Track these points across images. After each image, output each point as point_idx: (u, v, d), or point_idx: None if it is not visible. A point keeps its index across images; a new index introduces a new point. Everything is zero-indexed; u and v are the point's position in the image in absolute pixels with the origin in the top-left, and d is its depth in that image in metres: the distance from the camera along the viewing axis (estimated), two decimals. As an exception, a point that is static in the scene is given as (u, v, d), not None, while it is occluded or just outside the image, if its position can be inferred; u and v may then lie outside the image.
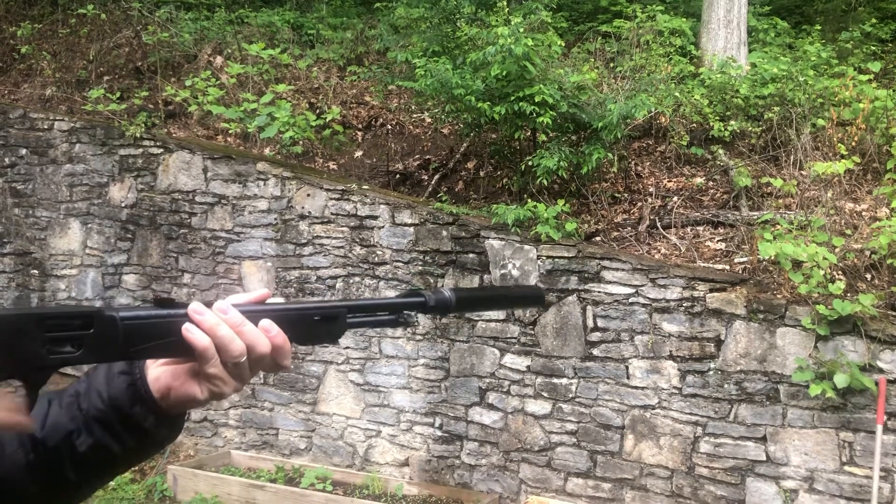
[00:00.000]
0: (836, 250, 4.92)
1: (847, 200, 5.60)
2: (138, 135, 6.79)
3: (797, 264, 4.77)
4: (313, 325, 0.97)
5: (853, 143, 5.85)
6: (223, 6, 9.19)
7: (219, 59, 8.12)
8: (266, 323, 0.91)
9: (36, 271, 7.23)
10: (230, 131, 7.09)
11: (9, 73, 8.52)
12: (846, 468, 4.61)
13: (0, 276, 7.35)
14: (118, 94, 7.39)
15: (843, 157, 5.53)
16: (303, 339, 0.96)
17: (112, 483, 6.01)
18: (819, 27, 7.79)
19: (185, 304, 0.89)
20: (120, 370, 0.91)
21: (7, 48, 8.70)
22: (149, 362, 0.92)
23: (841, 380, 4.46)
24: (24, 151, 7.30)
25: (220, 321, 0.88)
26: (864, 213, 5.48)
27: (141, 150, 6.84)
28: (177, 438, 0.98)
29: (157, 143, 6.79)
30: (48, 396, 0.92)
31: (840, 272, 4.93)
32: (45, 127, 7.22)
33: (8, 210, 7.33)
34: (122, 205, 6.87)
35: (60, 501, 0.94)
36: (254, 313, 0.92)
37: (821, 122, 6.00)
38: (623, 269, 5.21)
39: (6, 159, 7.35)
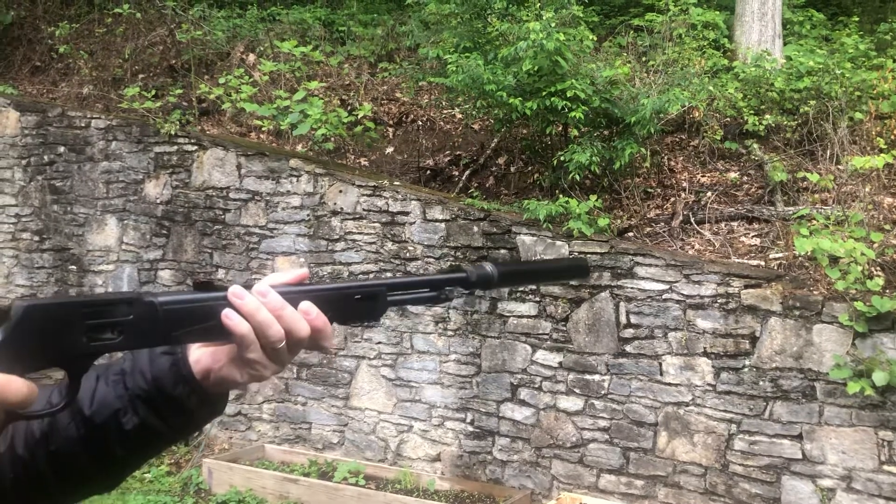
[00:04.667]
0: (875, 246, 4.84)
1: (886, 195, 5.50)
2: (173, 132, 6.88)
3: (834, 260, 4.71)
4: (354, 305, 0.95)
5: (892, 137, 5.74)
6: (255, 4, 9.27)
7: (251, 57, 8.19)
8: (306, 305, 0.90)
9: (74, 267, 7.37)
10: (263, 128, 7.16)
11: (47, 72, 8.67)
12: (885, 467, 4.54)
13: (40, 272, 7.50)
14: (153, 92, 7.49)
15: (881, 150, 5.44)
16: (344, 318, 0.95)
17: (149, 475, 6.12)
18: (856, 18, 7.65)
19: (224, 287, 0.88)
20: (163, 350, 0.92)
21: (45, 48, 8.85)
22: None
23: (880, 377, 4.39)
24: (62, 149, 7.43)
25: (260, 305, 0.87)
26: (903, 208, 5.39)
27: (175, 147, 6.93)
28: (220, 415, 0.99)
29: (192, 141, 6.88)
30: (96, 372, 0.93)
31: (878, 268, 4.85)
32: (83, 125, 7.35)
33: (47, 207, 7.47)
34: (158, 201, 6.97)
35: (110, 473, 0.96)
36: (293, 295, 0.90)
37: (858, 115, 5.90)
38: (656, 265, 5.18)
39: (45, 157, 7.49)
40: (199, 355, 0.92)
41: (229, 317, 0.86)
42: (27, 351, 0.76)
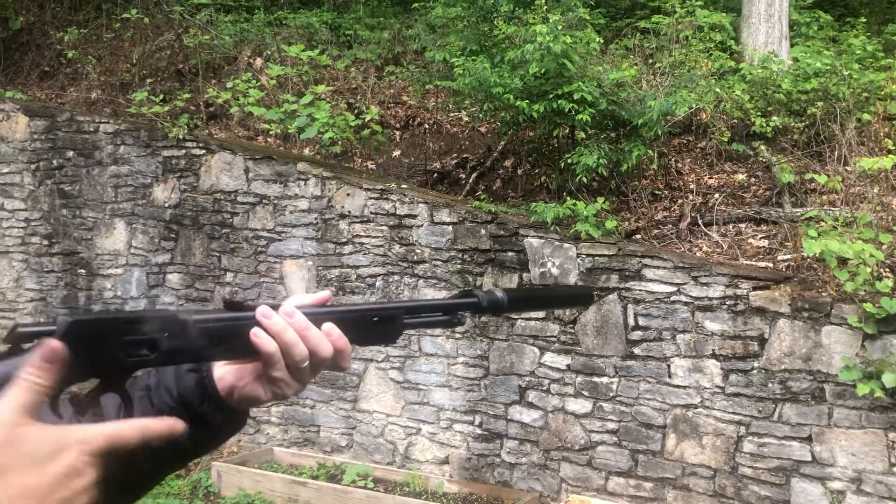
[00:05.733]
0: (884, 247, 4.83)
1: (894, 196, 5.49)
2: (181, 136, 6.91)
3: (843, 262, 4.70)
4: (372, 327, 0.99)
5: (900, 138, 5.73)
6: (262, 8, 9.30)
7: (258, 61, 8.22)
8: (328, 326, 0.94)
9: (83, 270, 7.40)
10: (270, 132, 7.18)
11: (56, 77, 8.72)
12: (895, 469, 4.53)
13: (49, 276, 7.54)
14: (161, 97, 7.52)
15: (889, 151, 5.43)
16: (361, 340, 0.99)
17: (158, 478, 6.13)
18: (864, 19, 7.63)
19: (252, 307, 0.91)
20: (188, 368, 0.94)
21: (54, 53, 8.90)
22: None
23: (890, 379, 4.37)
24: (71, 153, 7.47)
25: (286, 325, 0.90)
26: (912, 209, 5.37)
27: (183, 151, 6.96)
28: (241, 432, 1.01)
29: (200, 145, 6.90)
30: None
31: (887, 269, 4.84)
32: (91, 129, 7.38)
33: (56, 211, 7.51)
34: (166, 205, 7.00)
35: (134, 487, 0.97)
36: (316, 316, 0.94)
37: (866, 116, 5.89)
38: (664, 268, 5.18)
39: (54, 161, 7.53)
40: (223, 373, 0.94)
41: (258, 335, 0.89)
42: (69, 365, 0.77)
